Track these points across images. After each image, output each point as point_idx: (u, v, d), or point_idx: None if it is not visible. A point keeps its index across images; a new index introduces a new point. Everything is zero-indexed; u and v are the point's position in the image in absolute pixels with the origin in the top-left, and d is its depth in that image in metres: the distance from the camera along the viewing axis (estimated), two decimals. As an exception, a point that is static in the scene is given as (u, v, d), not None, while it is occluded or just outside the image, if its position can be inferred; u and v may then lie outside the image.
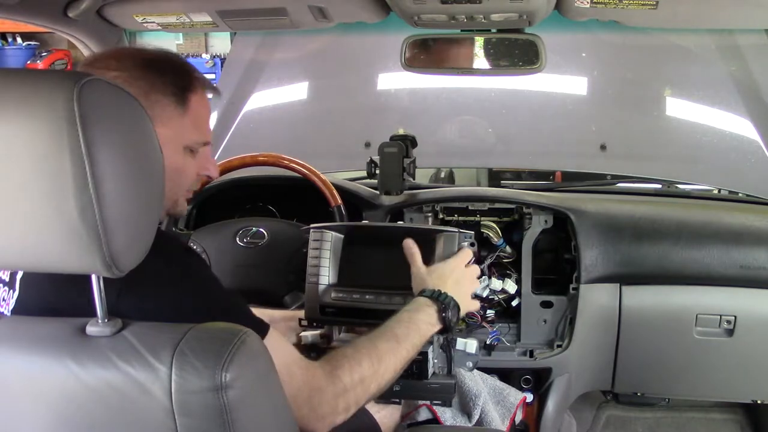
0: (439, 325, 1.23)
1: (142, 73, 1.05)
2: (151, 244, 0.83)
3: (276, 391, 0.88)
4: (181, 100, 1.08)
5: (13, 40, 6.20)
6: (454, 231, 1.43)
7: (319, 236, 1.47)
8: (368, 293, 1.41)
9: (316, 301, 1.42)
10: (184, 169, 1.11)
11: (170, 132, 1.06)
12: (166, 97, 1.06)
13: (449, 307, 1.24)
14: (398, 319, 1.20)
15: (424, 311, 1.23)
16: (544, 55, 1.58)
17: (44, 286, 0.93)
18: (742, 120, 2.34)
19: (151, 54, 1.10)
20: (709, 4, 1.44)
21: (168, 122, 1.06)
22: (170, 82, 1.07)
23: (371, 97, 2.74)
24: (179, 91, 1.08)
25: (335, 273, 1.46)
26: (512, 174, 2.79)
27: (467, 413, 1.63)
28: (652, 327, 1.82)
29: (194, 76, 1.11)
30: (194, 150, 1.11)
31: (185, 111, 1.08)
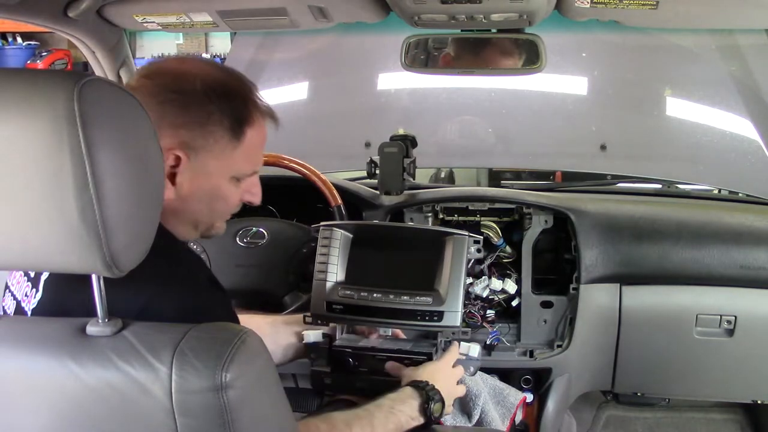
0: (420, 419, 1.21)
1: (200, 100, 1.01)
2: (151, 244, 0.83)
3: (276, 391, 0.88)
4: (236, 134, 1.05)
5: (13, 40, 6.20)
6: (463, 234, 1.44)
7: (329, 234, 1.48)
8: (375, 291, 1.41)
9: (323, 297, 1.43)
10: (228, 197, 1.09)
11: (219, 163, 1.04)
12: (221, 130, 1.03)
13: (433, 401, 1.22)
14: (379, 404, 1.18)
15: (407, 403, 1.20)
16: (544, 55, 1.58)
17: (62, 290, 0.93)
18: (742, 120, 2.34)
19: (214, 78, 1.04)
20: (709, 4, 1.44)
21: (219, 155, 1.04)
22: (229, 114, 1.03)
23: (371, 97, 2.74)
24: (236, 125, 1.05)
25: (343, 271, 1.46)
26: (512, 174, 2.78)
27: (467, 413, 1.63)
28: (652, 327, 1.82)
29: (255, 107, 1.08)
30: (241, 179, 1.10)
31: (239, 144, 1.05)
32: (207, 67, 1.06)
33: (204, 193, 1.05)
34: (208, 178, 1.04)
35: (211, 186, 1.05)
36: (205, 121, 1.01)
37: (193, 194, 1.04)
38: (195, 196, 1.04)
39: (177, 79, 1.02)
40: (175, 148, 1.00)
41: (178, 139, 1.00)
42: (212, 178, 1.05)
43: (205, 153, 1.02)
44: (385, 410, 1.17)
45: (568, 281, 1.84)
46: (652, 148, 2.49)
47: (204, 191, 1.05)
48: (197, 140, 1.01)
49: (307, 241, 1.75)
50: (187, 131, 1.00)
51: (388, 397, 1.20)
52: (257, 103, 1.08)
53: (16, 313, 0.99)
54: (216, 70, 1.06)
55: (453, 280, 1.41)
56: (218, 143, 1.03)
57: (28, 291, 0.97)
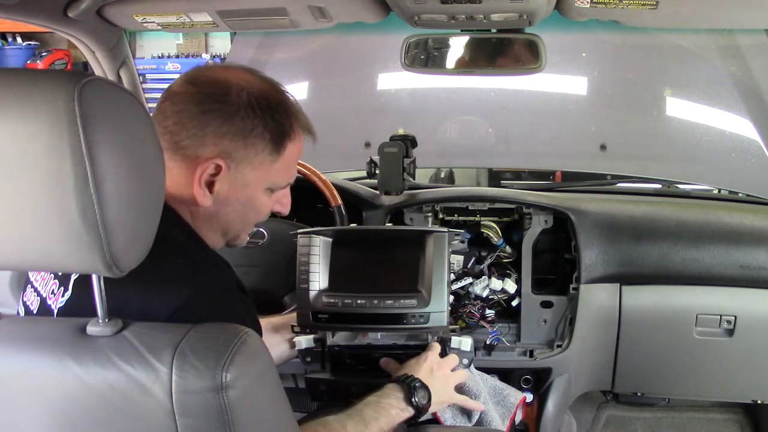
0: (409, 410, 1.24)
1: (246, 112, 1.02)
2: (151, 244, 0.83)
3: (276, 390, 0.88)
4: (277, 148, 1.06)
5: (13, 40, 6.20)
6: (443, 231, 1.43)
7: (307, 241, 1.45)
8: (360, 297, 1.40)
9: (308, 307, 1.41)
10: (261, 208, 1.11)
11: (258, 175, 1.06)
12: (263, 142, 1.05)
13: (416, 390, 1.25)
14: (367, 402, 1.21)
15: (392, 396, 1.24)
16: (545, 55, 1.58)
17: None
18: (742, 120, 2.34)
19: (261, 92, 1.05)
20: (709, 4, 1.44)
21: (258, 167, 1.05)
22: (272, 128, 1.05)
23: (371, 97, 2.74)
24: (278, 139, 1.06)
25: (326, 278, 1.44)
26: (512, 174, 2.78)
27: (467, 413, 1.63)
28: (652, 327, 1.82)
29: (297, 121, 1.09)
30: (275, 190, 1.12)
31: (279, 157, 1.07)
32: (252, 78, 1.06)
33: (239, 202, 1.07)
34: (245, 189, 1.06)
35: (246, 196, 1.07)
36: (248, 134, 1.03)
37: (229, 203, 1.06)
38: (230, 204, 1.06)
39: (222, 89, 1.02)
40: (216, 158, 1.02)
41: (220, 149, 1.02)
42: (249, 188, 1.07)
43: (245, 164, 1.04)
44: (374, 406, 1.20)
45: (568, 281, 1.84)
46: (652, 148, 2.49)
47: (239, 201, 1.07)
48: (239, 151, 1.03)
49: (305, 244, 1.75)
50: (230, 142, 1.02)
51: (375, 394, 1.24)
52: (299, 117, 1.10)
53: (41, 311, 0.99)
54: (260, 81, 1.07)
55: (436, 279, 1.40)
56: (259, 156, 1.05)
57: (55, 289, 0.98)
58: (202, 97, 1.02)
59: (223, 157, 1.02)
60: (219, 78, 1.04)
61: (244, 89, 1.03)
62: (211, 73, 1.06)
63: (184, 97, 1.02)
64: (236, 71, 1.07)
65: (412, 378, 1.28)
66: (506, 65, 1.72)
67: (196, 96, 1.02)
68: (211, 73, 1.07)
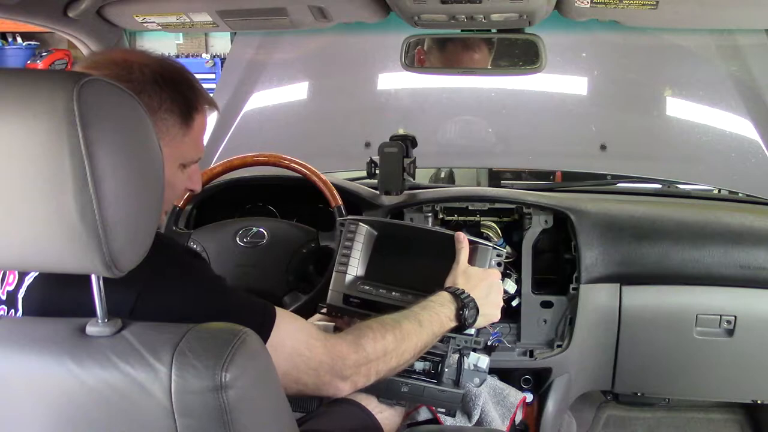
0: (455, 322, 1.28)
1: (152, 88, 1.03)
2: (151, 244, 0.83)
3: (276, 390, 0.88)
4: (186, 120, 1.07)
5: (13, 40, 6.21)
6: (488, 245, 1.45)
7: (354, 228, 1.50)
8: (395, 290, 1.42)
9: (341, 290, 1.45)
10: (174, 185, 1.11)
11: (169, 150, 1.04)
12: (172, 116, 1.05)
13: (467, 307, 1.29)
14: (423, 305, 1.26)
15: (446, 306, 1.28)
16: (545, 55, 1.58)
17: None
18: (742, 120, 2.34)
19: (163, 67, 1.06)
20: (709, 4, 1.44)
21: (170, 142, 1.05)
22: (179, 101, 1.05)
23: (371, 97, 2.74)
24: (186, 111, 1.06)
25: (363, 266, 1.48)
26: (512, 174, 2.78)
27: (467, 413, 1.63)
28: (652, 327, 1.82)
29: (201, 95, 1.10)
30: (187, 166, 1.11)
31: (189, 130, 1.07)
32: (152, 58, 1.07)
33: None
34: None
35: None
36: (157, 110, 1.03)
37: None
38: None
39: (127, 68, 1.02)
40: None
41: None
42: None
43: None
44: (429, 311, 1.25)
45: (568, 281, 1.84)
46: (652, 148, 2.49)
47: None
48: None
49: (307, 241, 1.75)
50: None
51: (430, 299, 1.28)
52: (200, 90, 1.10)
53: None
54: (160, 59, 1.08)
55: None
56: (169, 131, 1.05)
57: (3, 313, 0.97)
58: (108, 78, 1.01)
59: None
60: (119, 58, 1.04)
61: (148, 66, 1.03)
62: (114, 56, 1.06)
63: None
64: (137, 53, 1.08)
65: (467, 295, 1.30)
66: (506, 65, 1.71)
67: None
68: (114, 55, 1.07)
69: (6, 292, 0.97)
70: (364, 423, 1.39)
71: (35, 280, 0.95)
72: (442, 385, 1.38)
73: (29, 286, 0.95)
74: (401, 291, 1.42)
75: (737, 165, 2.34)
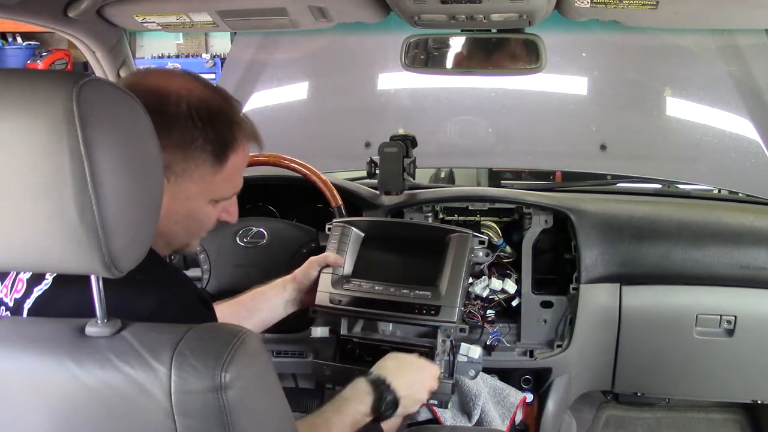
0: (371, 416, 1.21)
1: (185, 124, 0.98)
2: (150, 244, 0.83)
3: (275, 390, 0.88)
4: (219, 159, 1.02)
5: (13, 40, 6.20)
6: (467, 232, 1.49)
7: (340, 231, 1.54)
8: (378, 285, 1.46)
9: (328, 290, 1.47)
10: (204, 219, 1.08)
11: (199, 187, 1.02)
12: (204, 154, 1.00)
13: (384, 400, 1.21)
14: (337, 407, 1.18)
15: (363, 401, 1.20)
16: (545, 55, 1.58)
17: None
18: (742, 120, 2.33)
19: (202, 101, 0.99)
20: (709, 4, 1.44)
21: (199, 180, 1.01)
22: (213, 139, 1.00)
23: (371, 97, 2.74)
24: (220, 150, 1.01)
25: (351, 266, 1.52)
26: (512, 174, 2.78)
27: (467, 413, 1.63)
28: (652, 327, 1.82)
29: (240, 130, 1.04)
30: (219, 201, 1.08)
31: (221, 169, 1.03)
32: (192, 86, 1.01)
33: (181, 215, 1.03)
34: (186, 201, 1.02)
35: (189, 209, 1.04)
36: (188, 146, 0.98)
37: (170, 216, 1.01)
38: (171, 217, 1.01)
39: (161, 98, 0.97)
40: None
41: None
42: (191, 201, 1.03)
43: (185, 177, 1.00)
44: (343, 413, 1.17)
45: (568, 281, 1.84)
46: (652, 148, 2.49)
47: (181, 214, 1.03)
48: (179, 164, 0.99)
49: (307, 241, 1.75)
50: (169, 155, 0.95)
51: (344, 396, 1.20)
52: (242, 126, 1.05)
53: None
54: (202, 89, 1.02)
55: (453, 276, 1.43)
56: (199, 168, 1.01)
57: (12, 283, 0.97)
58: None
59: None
60: (157, 86, 0.99)
61: (184, 99, 0.98)
62: (149, 81, 1.00)
63: None
64: (177, 78, 1.02)
65: (387, 386, 1.23)
66: (506, 65, 1.71)
67: None
68: (149, 80, 1.00)
69: (13, 300, 0.96)
70: (363, 423, 1.39)
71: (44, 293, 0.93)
72: None
73: (37, 297, 0.93)
74: (384, 285, 1.46)
75: (737, 165, 2.34)
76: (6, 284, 0.97)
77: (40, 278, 0.93)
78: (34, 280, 0.94)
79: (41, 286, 0.93)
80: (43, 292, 0.93)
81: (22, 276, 0.95)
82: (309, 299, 1.49)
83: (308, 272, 1.50)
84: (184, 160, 0.99)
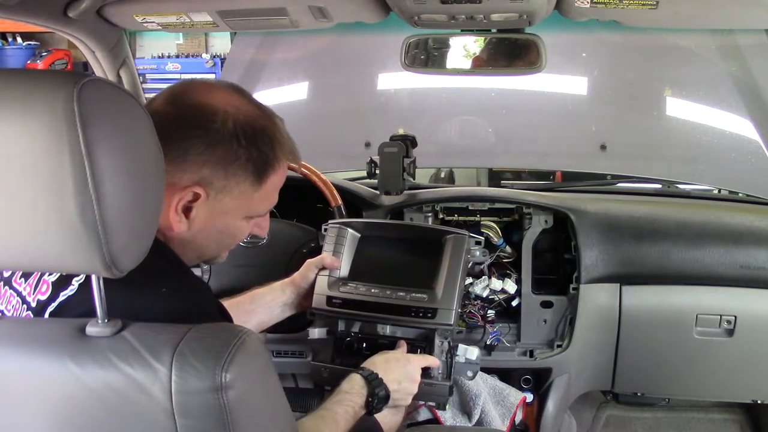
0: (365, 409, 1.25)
1: (230, 142, 0.98)
2: (150, 244, 0.83)
3: (275, 391, 0.88)
4: (259, 179, 1.03)
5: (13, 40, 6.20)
6: (463, 233, 1.48)
7: (336, 232, 1.54)
8: (374, 287, 1.45)
9: (324, 293, 1.47)
10: (237, 234, 1.09)
11: (237, 204, 1.03)
12: (245, 173, 1.01)
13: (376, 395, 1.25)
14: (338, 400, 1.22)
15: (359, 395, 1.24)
16: (545, 55, 1.58)
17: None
18: (742, 120, 2.34)
19: (248, 120, 1.00)
20: (709, 4, 1.44)
21: (238, 196, 1.02)
22: (255, 158, 1.01)
23: (371, 97, 2.74)
24: (261, 170, 1.02)
25: (347, 267, 1.51)
26: (512, 174, 2.79)
27: (467, 413, 1.63)
28: (652, 327, 1.82)
29: (281, 149, 1.04)
30: (254, 218, 1.09)
31: (260, 188, 1.04)
32: (239, 103, 1.01)
33: (216, 229, 1.05)
34: (222, 217, 1.04)
35: (224, 224, 1.05)
36: (230, 164, 0.99)
37: (205, 230, 1.03)
38: (206, 231, 1.03)
39: (207, 114, 0.97)
40: (195, 185, 0.98)
41: (199, 176, 0.98)
42: (227, 216, 1.04)
43: (224, 193, 1.01)
44: (345, 405, 1.21)
45: (568, 281, 1.84)
46: (652, 148, 2.49)
47: (216, 228, 1.05)
48: (219, 181, 1.00)
49: (307, 241, 1.75)
50: (210, 170, 0.98)
51: (344, 389, 1.24)
52: (283, 145, 1.06)
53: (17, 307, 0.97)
54: (248, 105, 1.02)
55: (449, 278, 1.43)
56: (239, 186, 1.02)
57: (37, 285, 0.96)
58: (184, 121, 0.97)
59: (202, 185, 0.98)
60: (204, 102, 0.99)
61: (230, 117, 0.98)
62: (197, 95, 1.00)
63: (164, 117, 0.96)
64: (224, 93, 1.02)
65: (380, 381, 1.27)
66: (506, 65, 1.71)
67: (177, 120, 0.97)
68: (197, 94, 1.01)
69: (36, 300, 0.95)
70: (364, 423, 1.39)
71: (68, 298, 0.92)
72: (430, 379, 1.39)
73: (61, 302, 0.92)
74: (381, 287, 1.45)
75: (737, 165, 2.34)
76: (30, 283, 0.97)
77: (67, 283, 0.93)
78: (60, 284, 0.93)
79: (67, 291, 0.93)
80: (67, 298, 0.92)
81: (48, 278, 0.95)
82: (307, 302, 1.50)
83: (306, 275, 1.50)
84: (225, 177, 1.00)
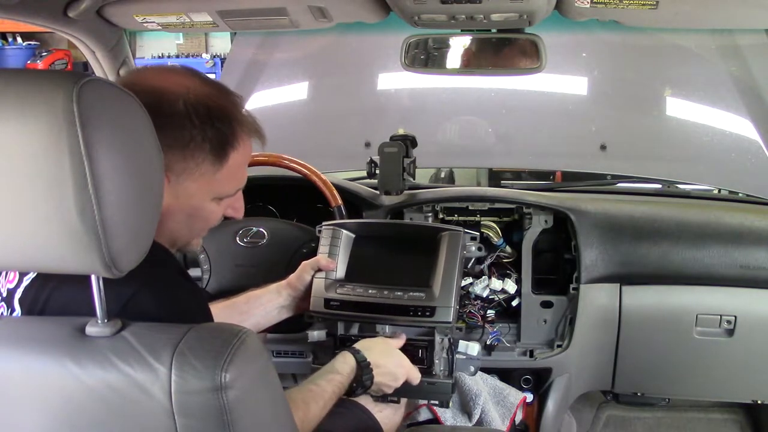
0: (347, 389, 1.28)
1: (181, 122, 0.96)
2: (150, 244, 0.83)
3: (275, 390, 0.88)
4: (219, 157, 1.01)
5: (13, 40, 6.20)
6: (458, 230, 1.48)
7: (331, 233, 1.53)
8: (371, 288, 1.45)
9: (321, 295, 1.47)
10: (208, 217, 1.07)
11: (200, 186, 1.02)
12: (203, 153, 0.99)
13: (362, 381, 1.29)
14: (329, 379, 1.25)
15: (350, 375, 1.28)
16: (545, 55, 1.58)
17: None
18: (742, 120, 2.34)
19: (197, 97, 0.98)
20: (709, 4, 1.44)
21: (200, 178, 1.01)
22: (212, 137, 0.99)
23: (371, 97, 2.74)
24: (219, 148, 1.00)
25: (343, 269, 1.51)
26: (512, 174, 2.79)
27: (467, 413, 1.63)
28: (652, 327, 1.82)
29: (240, 126, 1.03)
30: (223, 198, 1.08)
31: (222, 166, 1.02)
32: (190, 83, 1.00)
33: (184, 213, 1.03)
34: (188, 200, 1.02)
35: (192, 207, 1.03)
36: (186, 145, 0.97)
37: (173, 214, 1.01)
38: (174, 216, 1.01)
39: (158, 96, 0.95)
40: None
41: None
42: (192, 199, 1.03)
43: (185, 176, 1.00)
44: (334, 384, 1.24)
45: (568, 281, 1.84)
46: (652, 148, 2.49)
47: (184, 212, 1.03)
48: (178, 163, 0.98)
49: (307, 241, 1.75)
50: (167, 154, 0.94)
51: (336, 368, 1.27)
52: (242, 122, 1.04)
53: None
54: (200, 85, 1.00)
55: (446, 275, 1.43)
56: (199, 167, 1.00)
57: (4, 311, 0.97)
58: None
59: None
60: (154, 86, 0.97)
61: (180, 97, 0.97)
62: (146, 80, 0.99)
63: None
64: (174, 75, 1.00)
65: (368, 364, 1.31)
66: (506, 65, 1.71)
67: None
68: (146, 79, 0.99)
69: (6, 290, 0.97)
70: (364, 423, 1.39)
71: (32, 281, 0.94)
72: (432, 377, 1.39)
73: (26, 286, 0.94)
74: (378, 287, 1.45)
75: (737, 165, 2.34)
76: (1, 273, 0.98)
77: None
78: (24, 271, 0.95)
79: (29, 275, 0.94)
80: (30, 281, 0.94)
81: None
82: (304, 305, 1.49)
83: (302, 276, 1.50)
84: (183, 160, 0.98)
